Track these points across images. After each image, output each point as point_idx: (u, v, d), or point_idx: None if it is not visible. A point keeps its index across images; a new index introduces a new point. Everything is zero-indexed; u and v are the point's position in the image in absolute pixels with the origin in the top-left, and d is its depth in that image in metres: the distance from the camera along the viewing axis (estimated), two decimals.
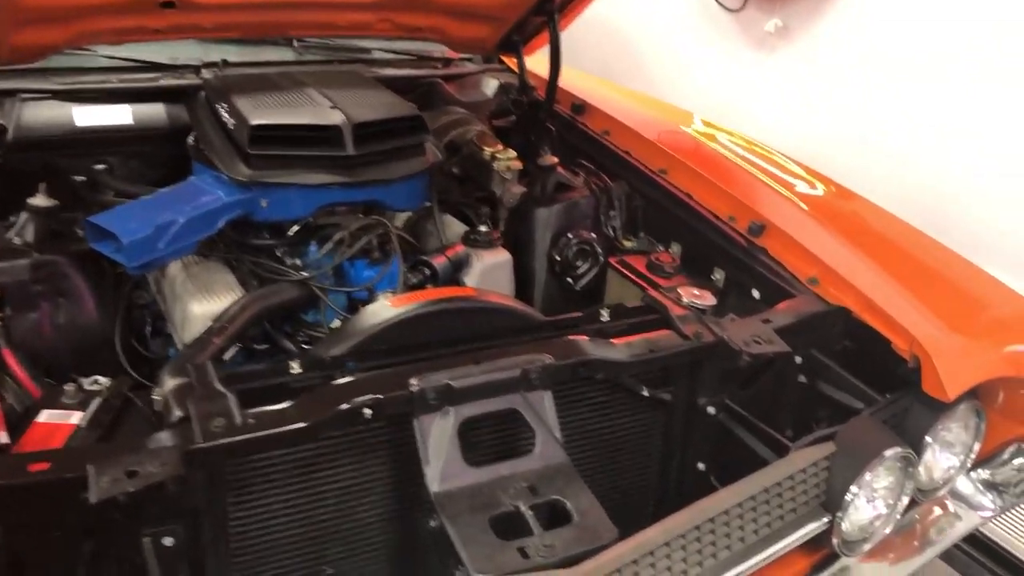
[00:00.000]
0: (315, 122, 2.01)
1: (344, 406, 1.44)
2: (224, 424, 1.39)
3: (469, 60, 3.10)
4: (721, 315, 2.16)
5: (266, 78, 2.34)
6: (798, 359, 1.92)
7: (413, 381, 1.49)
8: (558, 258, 2.42)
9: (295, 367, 1.57)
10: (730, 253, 2.18)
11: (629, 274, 2.27)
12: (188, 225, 1.93)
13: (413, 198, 2.20)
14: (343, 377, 1.55)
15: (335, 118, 2.01)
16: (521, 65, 2.82)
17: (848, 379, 1.88)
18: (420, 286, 2.06)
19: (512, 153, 2.41)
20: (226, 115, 2.08)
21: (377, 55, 2.93)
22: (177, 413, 1.43)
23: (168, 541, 1.40)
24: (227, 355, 1.80)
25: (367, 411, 1.46)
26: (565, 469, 1.56)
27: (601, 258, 2.40)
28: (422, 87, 2.87)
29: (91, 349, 1.98)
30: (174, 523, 1.40)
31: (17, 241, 1.95)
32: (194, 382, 1.47)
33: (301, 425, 1.42)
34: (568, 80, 3.01)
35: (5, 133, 2.30)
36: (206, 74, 2.43)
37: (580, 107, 2.79)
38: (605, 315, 1.83)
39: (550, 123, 2.79)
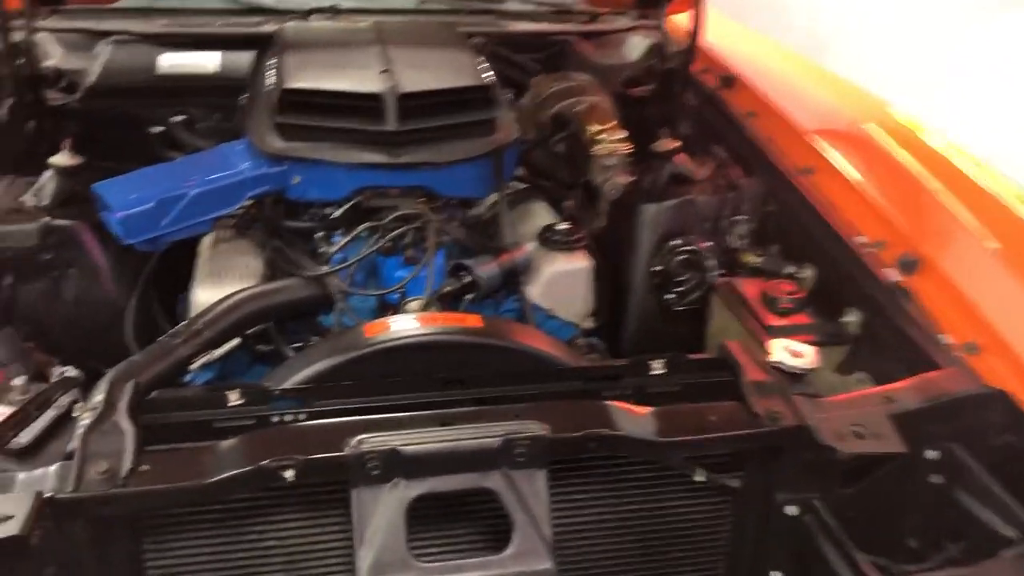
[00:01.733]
0: (354, 89, 1.68)
1: (253, 466, 1.14)
2: (106, 471, 1.13)
3: (623, 15, 2.65)
4: (849, 372, 1.68)
5: (343, 32, 2.05)
6: (930, 454, 1.40)
7: (351, 441, 1.16)
8: (659, 268, 1.97)
9: (234, 398, 1.28)
10: (869, 291, 1.65)
11: (733, 302, 1.79)
12: (200, 199, 1.69)
13: (473, 185, 1.84)
14: (282, 418, 1.25)
15: (378, 85, 1.68)
16: (661, 23, 2.36)
17: (997, 494, 1.34)
18: (455, 295, 1.70)
19: (620, 134, 1.98)
20: (272, 74, 1.81)
21: (512, 6, 2.57)
22: (73, 444, 1.18)
23: None
24: (199, 363, 1.54)
25: (288, 473, 1.15)
26: None
27: (711, 273, 1.93)
28: (555, 46, 2.48)
29: (104, 328, 1.79)
30: (53, 573, 1.17)
31: (31, 203, 1.78)
32: (102, 407, 1.22)
33: (197, 483, 1.13)
34: (737, 47, 2.51)
35: (85, 76, 2.17)
36: (292, 23, 2.16)
37: (729, 80, 2.28)
38: (658, 367, 1.40)
39: (690, 97, 2.32)
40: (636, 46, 2.53)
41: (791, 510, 1.38)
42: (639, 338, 2.01)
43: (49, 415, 1.37)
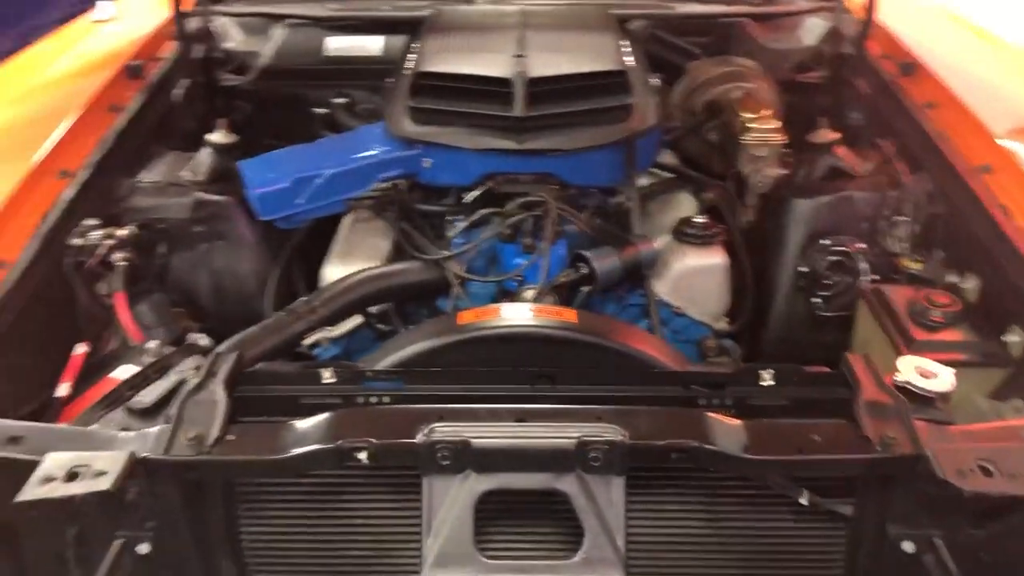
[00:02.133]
0: (483, 73, 1.67)
1: (327, 445, 1.15)
2: (195, 437, 1.18)
3: None
4: (1006, 399, 1.49)
5: (489, 16, 2.03)
6: None
7: (424, 429, 1.15)
8: (806, 268, 1.83)
9: (327, 376, 1.30)
10: None
11: (879, 312, 1.63)
12: (334, 180, 1.74)
13: (604, 173, 1.78)
14: (367, 399, 1.27)
15: (507, 70, 1.66)
16: (839, 4, 2.19)
17: None
18: (571, 286, 1.65)
19: (774, 124, 1.85)
20: (412, 58, 1.83)
21: None
22: (172, 409, 1.25)
23: (144, 549, 1.25)
24: (314, 338, 1.58)
25: (362, 455, 1.16)
26: None
27: (863, 278, 1.76)
28: (723, 28, 2.36)
29: (247, 299, 1.88)
30: (151, 530, 1.24)
31: (188, 178, 1.90)
32: (203, 376, 1.28)
33: (275, 457, 1.16)
34: (926, 29, 2.29)
35: (258, 58, 2.30)
36: (447, 8, 2.18)
37: (909, 67, 2.07)
38: (767, 377, 1.29)
39: (863, 85, 2.14)
40: (813, 29, 2.37)
41: (908, 547, 1.24)
42: (781, 344, 1.88)
43: (172, 379, 1.46)
